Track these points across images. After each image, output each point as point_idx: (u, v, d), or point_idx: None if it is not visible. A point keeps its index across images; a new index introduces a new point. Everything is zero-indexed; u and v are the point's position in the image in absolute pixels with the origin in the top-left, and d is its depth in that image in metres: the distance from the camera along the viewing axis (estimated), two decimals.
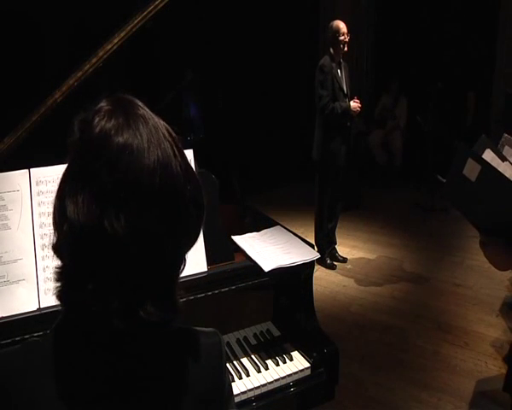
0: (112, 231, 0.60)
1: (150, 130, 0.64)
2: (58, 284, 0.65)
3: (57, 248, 0.65)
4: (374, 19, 7.19)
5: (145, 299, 0.63)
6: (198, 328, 0.80)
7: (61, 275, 0.65)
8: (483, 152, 1.10)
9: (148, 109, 0.67)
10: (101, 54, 1.73)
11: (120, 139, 0.62)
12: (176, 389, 0.71)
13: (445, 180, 1.21)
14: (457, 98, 6.38)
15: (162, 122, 0.68)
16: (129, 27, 1.76)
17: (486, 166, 1.05)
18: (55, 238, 0.66)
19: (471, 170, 1.06)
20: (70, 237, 0.62)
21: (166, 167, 0.63)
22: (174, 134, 0.68)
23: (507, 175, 1.04)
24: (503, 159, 1.09)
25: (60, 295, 0.65)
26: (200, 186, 0.70)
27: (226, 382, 0.78)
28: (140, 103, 0.67)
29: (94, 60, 1.72)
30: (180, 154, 0.67)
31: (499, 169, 1.05)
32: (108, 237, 0.60)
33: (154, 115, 0.67)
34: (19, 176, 1.35)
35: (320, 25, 6.83)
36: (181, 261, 0.69)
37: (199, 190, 0.69)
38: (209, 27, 5.48)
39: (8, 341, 1.24)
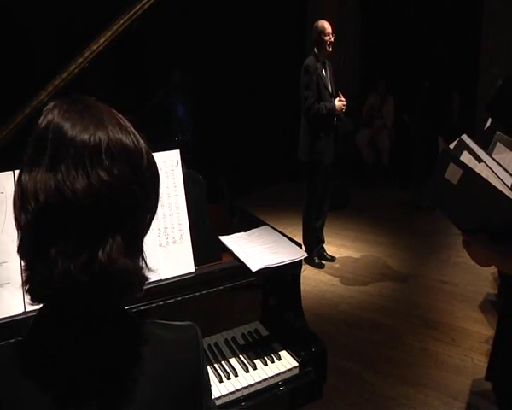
0: (70, 193, 0.62)
1: (95, 111, 0.69)
2: (26, 282, 0.66)
3: (20, 245, 0.67)
4: (361, 18, 7.23)
5: (104, 245, 0.65)
6: (173, 322, 0.79)
7: (26, 270, 0.66)
8: (461, 154, 1.13)
9: (95, 101, 0.72)
10: (87, 54, 1.72)
11: (62, 120, 0.66)
12: (150, 386, 0.70)
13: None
14: (443, 97, 6.44)
15: (112, 110, 0.73)
16: (115, 27, 1.76)
17: (468, 170, 1.08)
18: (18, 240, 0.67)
19: (453, 174, 1.09)
20: (31, 214, 0.64)
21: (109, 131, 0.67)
22: (120, 115, 0.73)
23: (483, 175, 1.07)
24: (479, 160, 1.12)
25: (30, 290, 0.66)
26: (149, 149, 0.74)
27: (204, 378, 0.78)
28: (87, 97, 0.73)
29: (80, 60, 1.71)
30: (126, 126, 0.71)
31: (476, 170, 1.08)
32: (68, 200, 0.62)
33: (103, 106, 0.72)
34: (3, 178, 1.33)
35: (308, 25, 6.85)
36: (142, 214, 0.71)
37: (148, 150, 0.73)
38: (197, 27, 5.47)
39: None
